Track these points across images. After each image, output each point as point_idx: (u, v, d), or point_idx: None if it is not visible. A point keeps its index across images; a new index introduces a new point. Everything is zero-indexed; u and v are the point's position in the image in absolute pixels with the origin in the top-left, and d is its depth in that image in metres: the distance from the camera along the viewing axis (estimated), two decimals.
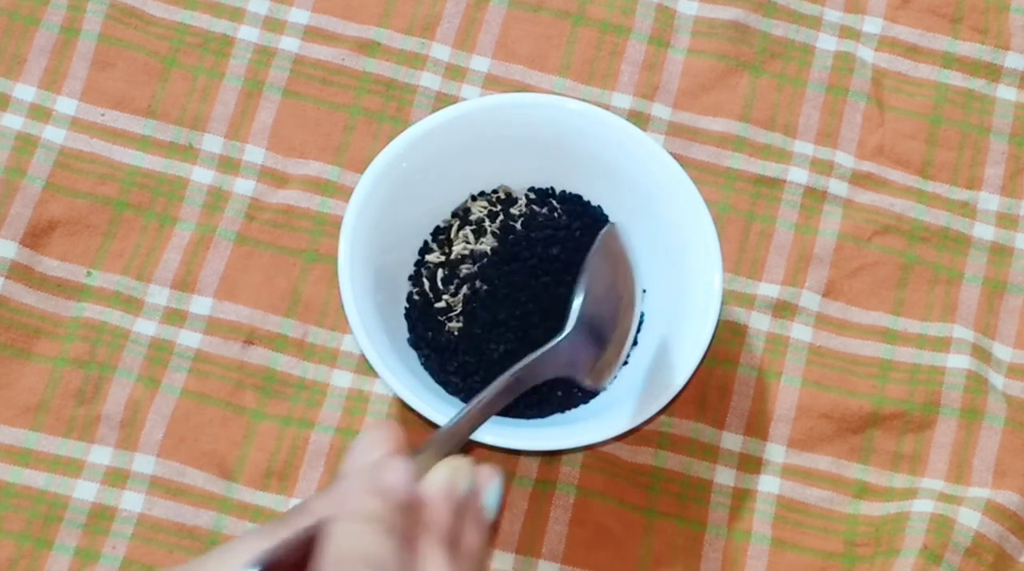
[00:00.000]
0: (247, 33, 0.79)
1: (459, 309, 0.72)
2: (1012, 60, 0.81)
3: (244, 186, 0.77)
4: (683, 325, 0.71)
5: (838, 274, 0.77)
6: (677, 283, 0.72)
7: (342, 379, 0.74)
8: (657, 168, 0.73)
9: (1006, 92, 0.80)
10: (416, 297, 0.73)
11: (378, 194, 0.71)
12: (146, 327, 0.74)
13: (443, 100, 0.78)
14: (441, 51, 0.79)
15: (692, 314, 0.71)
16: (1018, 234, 0.78)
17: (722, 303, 0.71)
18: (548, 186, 0.75)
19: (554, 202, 0.74)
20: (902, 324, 0.76)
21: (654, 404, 0.69)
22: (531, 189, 0.74)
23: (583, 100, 0.77)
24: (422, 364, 0.72)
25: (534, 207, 0.74)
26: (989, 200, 0.79)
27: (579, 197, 0.74)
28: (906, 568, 0.71)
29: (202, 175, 0.77)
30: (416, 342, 0.72)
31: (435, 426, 0.68)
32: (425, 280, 0.73)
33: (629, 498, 0.73)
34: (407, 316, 0.73)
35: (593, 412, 0.72)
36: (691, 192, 0.72)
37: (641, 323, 0.73)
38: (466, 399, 0.71)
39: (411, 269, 0.74)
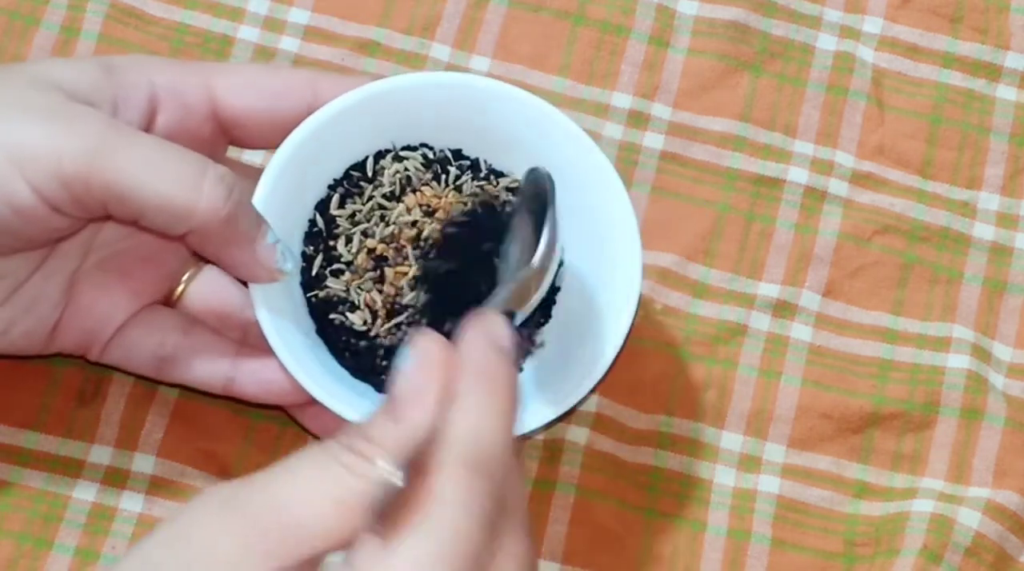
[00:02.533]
0: (247, 33, 0.79)
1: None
2: (1012, 60, 0.81)
3: None
4: (605, 311, 0.69)
5: (838, 274, 0.77)
6: (599, 265, 0.70)
7: None
8: (575, 150, 0.70)
9: (1006, 92, 0.80)
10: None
11: (282, 182, 0.68)
12: None
13: None
14: (441, 51, 0.79)
15: (614, 300, 0.69)
16: (1018, 234, 0.78)
17: (642, 287, 0.69)
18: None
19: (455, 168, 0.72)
20: (902, 324, 0.76)
21: (579, 389, 0.68)
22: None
23: (583, 100, 0.77)
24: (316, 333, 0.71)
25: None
26: (989, 200, 0.79)
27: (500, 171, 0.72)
28: (906, 568, 0.71)
29: None
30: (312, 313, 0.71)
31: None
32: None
33: (629, 498, 0.73)
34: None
35: None
36: (608, 173, 0.70)
37: (553, 302, 0.72)
38: (369, 386, 0.70)
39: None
